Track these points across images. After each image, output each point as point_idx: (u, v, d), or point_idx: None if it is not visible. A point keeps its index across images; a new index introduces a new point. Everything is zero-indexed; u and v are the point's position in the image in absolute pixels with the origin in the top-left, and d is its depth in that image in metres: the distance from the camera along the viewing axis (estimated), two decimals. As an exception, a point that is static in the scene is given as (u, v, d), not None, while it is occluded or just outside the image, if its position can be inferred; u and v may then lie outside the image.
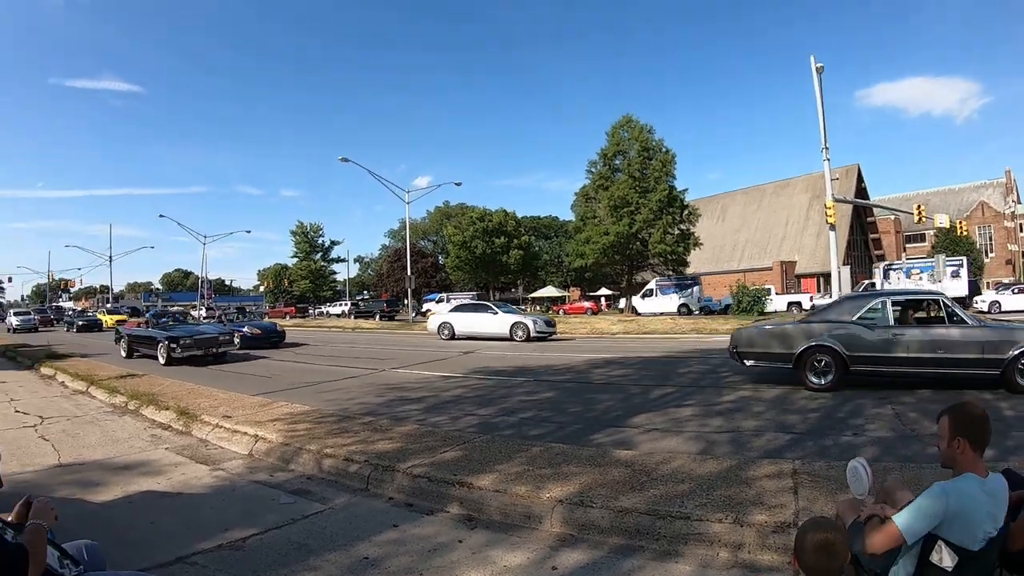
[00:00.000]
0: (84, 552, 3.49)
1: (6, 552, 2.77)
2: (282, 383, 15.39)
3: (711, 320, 37.28)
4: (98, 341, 34.24)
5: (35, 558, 2.81)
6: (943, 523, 3.00)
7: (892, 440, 7.99)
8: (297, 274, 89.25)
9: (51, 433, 10.11)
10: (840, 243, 55.67)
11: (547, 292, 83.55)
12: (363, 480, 7.01)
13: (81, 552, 3.46)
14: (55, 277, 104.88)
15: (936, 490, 3.04)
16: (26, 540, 2.88)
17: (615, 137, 52.47)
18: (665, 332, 30.65)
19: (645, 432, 9.00)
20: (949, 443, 3.24)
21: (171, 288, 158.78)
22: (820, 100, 39.59)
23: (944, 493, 3.01)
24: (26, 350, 26.03)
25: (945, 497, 2.99)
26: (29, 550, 2.81)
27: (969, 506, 3.00)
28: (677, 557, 4.87)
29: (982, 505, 3.03)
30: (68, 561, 3.18)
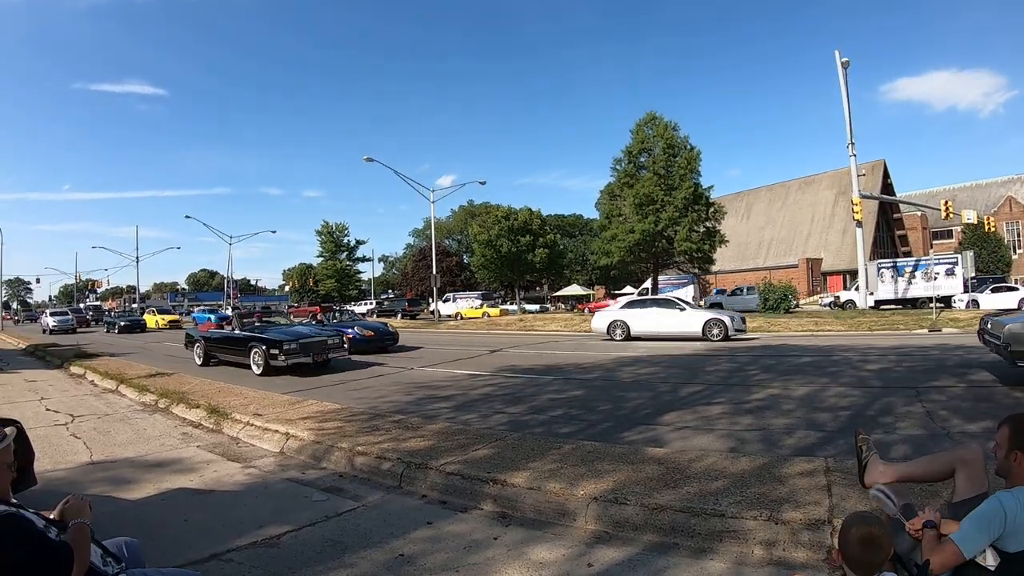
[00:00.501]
0: (124, 549, 3.52)
1: (51, 550, 2.79)
2: (309, 382, 15.48)
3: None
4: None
5: (80, 557, 2.83)
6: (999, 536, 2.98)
7: (923, 438, 7.92)
8: (323, 273, 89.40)
9: (82, 431, 10.20)
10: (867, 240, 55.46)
11: (572, 291, 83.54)
12: (396, 478, 7.03)
13: (121, 549, 3.49)
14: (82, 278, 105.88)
15: (994, 506, 3.01)
16: (71, 538, 2.90)
17: (639, 134, 52.15)
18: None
19: (676, 430, 9.00)
20: (1007, 454, 3.22)
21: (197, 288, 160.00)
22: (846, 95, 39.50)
23: (1002, 509, 2.98)
24: (56, 349, 26.20)
25: (1003, 513, 2.97)
26: (74, 549, 2.83)
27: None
28: (712, 554, 4.84)
29: None
30: (110, 559, 3.20)
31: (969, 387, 11.29)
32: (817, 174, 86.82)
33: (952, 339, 21.56)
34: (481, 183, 55.87)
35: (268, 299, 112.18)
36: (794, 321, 31.64)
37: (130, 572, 3.19)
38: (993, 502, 3.04)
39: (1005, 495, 3.07)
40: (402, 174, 48.29)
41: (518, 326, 37.71)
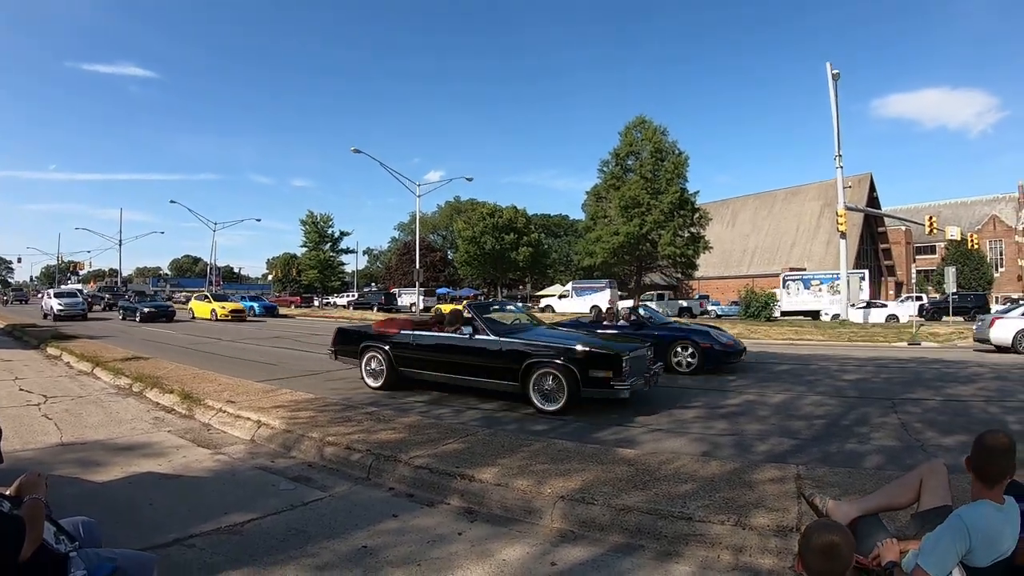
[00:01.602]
0: (80, 528, 3.48)
1: (3, 523, 2.76)
2: (287, 370, 15.40)
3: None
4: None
5: (32, 532, 2.80)
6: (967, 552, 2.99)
7: (897, 450, 7.94)
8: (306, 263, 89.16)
9: (54, 412, 10.12)
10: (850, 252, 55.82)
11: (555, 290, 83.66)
12: (364, 469, 7.00)
13: (77, 528, 3.45)
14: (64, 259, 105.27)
15: (958, 525, 3.03)
16: (24, 513, 2.87)
17: (628, 137, 52.35)
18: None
19: (649, 431, 9.01)
20: (967, 467, 3.24)
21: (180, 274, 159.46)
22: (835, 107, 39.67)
23: (965, 529, 2.99)
24: (34, 329, 25.99)
25: (966, 532, 2.98)
26: (27, 523, 2.79)
27: (990, 535, 3.01)
28: (678, 557, 4.83)
29: (1000, 532, 3.05)
30: (64, 537, 3.17)
31: (945, 401, 11.34)
32: (804, 185, 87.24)
33: (931, 353, 21.70)
34: (468, 179, 56.34)
35: (251, 287, 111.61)
36: (774, 329, 31.77)
37: (83, 551, 3.15)
38: (955, 520, 3.05)
39: (965, 511, 3.08)
40: (388, 167, 48.17)
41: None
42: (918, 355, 20.89)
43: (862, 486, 5.60)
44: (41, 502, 3.01)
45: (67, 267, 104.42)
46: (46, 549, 2.93)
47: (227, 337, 26.25)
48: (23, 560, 2.76)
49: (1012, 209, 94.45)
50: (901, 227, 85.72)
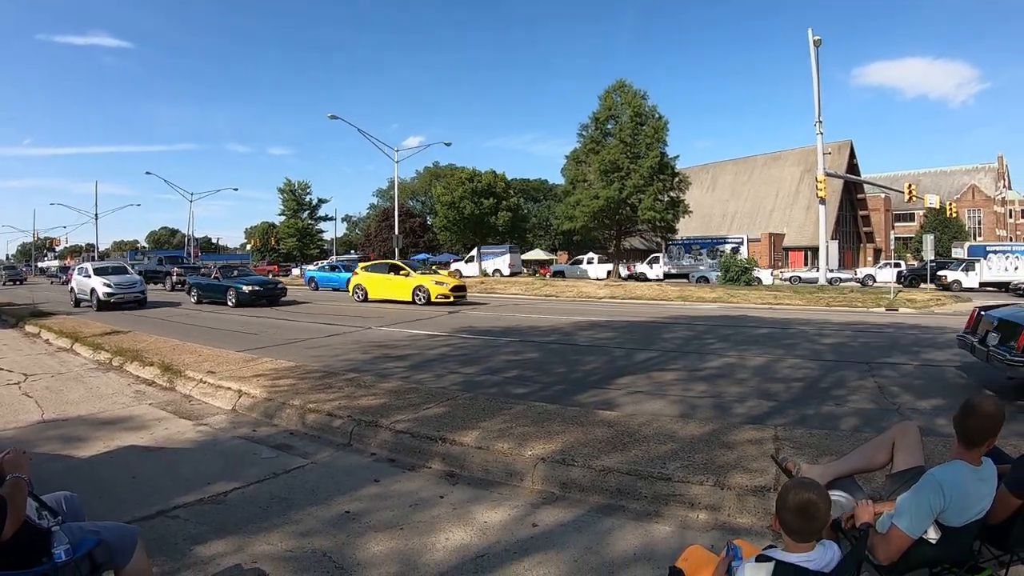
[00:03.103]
0: (63, 503, 3.46)
1: None
2: (267, 340, 15.38)
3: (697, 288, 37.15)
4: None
5: (14, 510, 2.78)
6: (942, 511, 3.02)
7: (873, 412, 8.01)
8: (284, 232, 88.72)
9: (34, 390, 10.07)
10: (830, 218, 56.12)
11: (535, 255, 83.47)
12: (346, 435, 7.04)
13: (60, 503, 3.44)
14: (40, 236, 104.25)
15: (931, 484, 3.04)
16: (5, 492, 2.85)
17: (608, 101, 52.10)
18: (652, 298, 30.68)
19: (629, 394, 9.07)
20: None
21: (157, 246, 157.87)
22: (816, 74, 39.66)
23: (939, 487, 3.00)
24: (11, 308, 25.75)
25: (941, 491, 2.99)
26: (8, 501, 2.78)
27: (964, 494, 3.03)
28: (657, 517, 4.89)
29: (976, 492, 3.07)
30: (46, 512, 3.14)
31: (922, 365, 11.44)
32: (784, 151, 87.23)
33: (908, 319, 21.84)
34: (447, 144, 55.83)
35: (230, 257, 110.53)
36: (754, 293, 31.94)
37: (66, 526, 3.14)
38: (929, 479, 3.07)
39: (939, 470, 3.11)
40: (366, 132, 47.77)
41: (478, 288, 37.57)
42: (896, 321, 21.03)
43: (839, 448, 5.67)
44: (23, 480, 2.98)
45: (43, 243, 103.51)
46: (28, 525, 2.91)
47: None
48: (4, 540, 2.75)
49: (991, 179, 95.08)
50: (880, 194, 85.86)
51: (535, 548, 4.40)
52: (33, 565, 2.87)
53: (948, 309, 25.40)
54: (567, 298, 31.86)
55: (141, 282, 28.74)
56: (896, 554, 3.06)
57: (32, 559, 2.89)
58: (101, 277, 27.25)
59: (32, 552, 2.90)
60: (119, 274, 28.68)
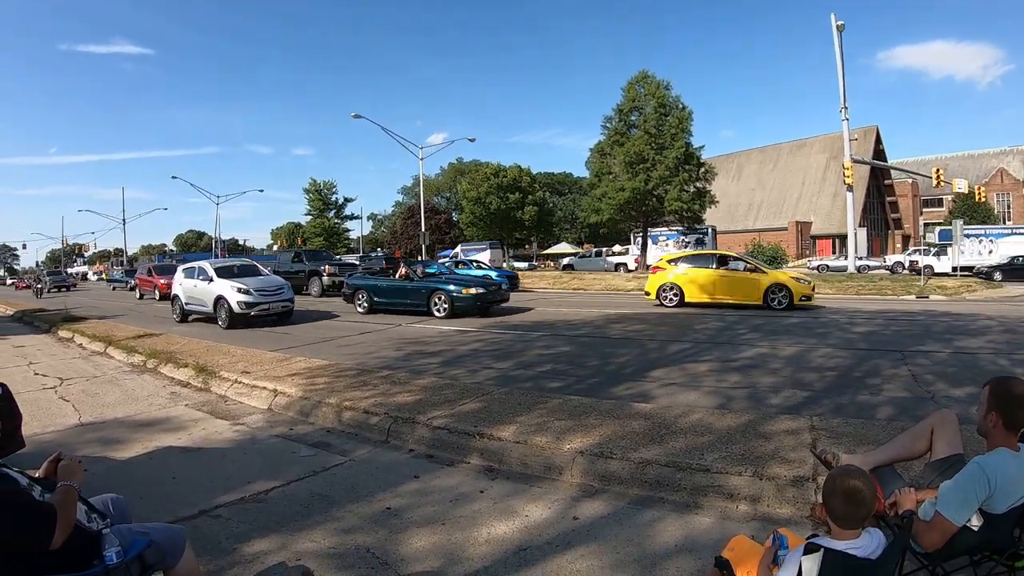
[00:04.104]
0: (110, 506, 3.49)
1: (34, 510, 2.78)
2: (299, 339, 15.47)
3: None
4: None
5: (64, 518, 2.80)
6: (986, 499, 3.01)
7: (908, 401, 7.94)
8: (311, 232, 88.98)
9: (71, 394, 10.17)
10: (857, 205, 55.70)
11: (561, 248, 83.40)
12: (383, 432, 7.08)
13: (107, 506, 3.47)
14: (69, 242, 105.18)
15: (976, 471, 3.02)
16: (56, 500, 2.87)
17: (631, 93, 51.81)
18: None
19: (663, 386, 9.04)
20: (985, 415, 3.24)
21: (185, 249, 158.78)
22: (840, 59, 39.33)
23: (984, 475, 2.99)
24: (44, 314, 25.95)
25: (986, 479, 2.98)
26: (58, 511, 2.81)
27: (1009, 480, 3.01)
28: (697, 509, 4.89)
29: (1019, 478, 3.05)
30: (95, 515, 3.17)
31: (955, 353, 11.31)
32: (809, 137, 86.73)
33: (939, 306, 21.63)
34: (471, 140, 56.27)
35: (257, 258, 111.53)
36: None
37: (115, 528, 3.16)
38: (973, 467, 3.06)
39: (983, 459, 3.09)
40: (390, 131, 48.03)
41: (507, 284, 37.55)
42: (927, 308, 20.84)
43: (875, 437, 5.64)
44: (74, 489, 3.00)
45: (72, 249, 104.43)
46: (79, 528, 2.93)
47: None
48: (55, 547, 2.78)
49: (1020, 162, 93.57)
50: (908, 180, 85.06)
51: (577, 541, 4.41)
52: (85, 568, 2.89)
53: (979, 296, 25.19)
54: (595, 291, 31.77)
55: (288, 286, 20.80)
56: (940, 541, 3.04)
57: (83, 562, 2.91)
58: (230, 280, 19.38)
59: (83, 555, 2.92)
60: (251, 275, 20.59)
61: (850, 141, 42.87)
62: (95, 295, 47.81)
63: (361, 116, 46.20)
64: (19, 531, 2.70)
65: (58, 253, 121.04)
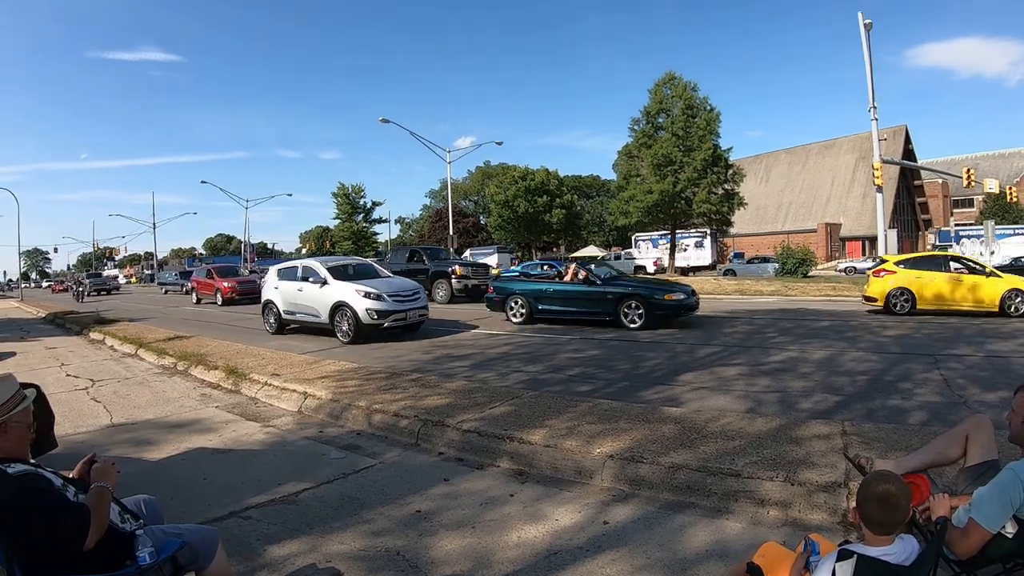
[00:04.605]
0: (143, 507, 3.53)
1: (68, 510, 2.80)
2: (328, 342, 15.55)
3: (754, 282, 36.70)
4: None
5: (98, 520, 2.83)
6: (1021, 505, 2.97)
7: (940, 406, 7.84)
8: (339, 235, 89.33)
9: (102, 395, 10.29)
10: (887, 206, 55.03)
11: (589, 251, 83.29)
12: (413, 435, 7.10)
13: (140, 507, 3.50)
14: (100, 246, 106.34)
15: (1011, 477, 2.99)
16: (90, 501, 2.90)
17: (658, 94, 51.73)
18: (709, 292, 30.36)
19: (693, 390, 9.00)
20: (1022, 422, 3.20)
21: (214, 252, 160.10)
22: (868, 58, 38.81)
23: (1020, 481, 2.95)
24: (75, 316, 26.21)
25: (1022, 485, 2.94)
26: (92, 511, 2.83)
27: None
28: (727, 514, 4.86)
29: None
30: (128, 516, 3.20)
31: (987, 357, 11.18)
32: (838, 138, 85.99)
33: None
34: (498, 143, 55.90)
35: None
36: (812, 286, 31.48)
37: (148, 529, 3.19)
38: (1008, 473, 3.02)
39: (1019, 465, 3.04)
40: (418, 135, 48.08)
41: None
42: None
43: (908, 442, 5.58)
44: (108, 490, 3.02)
45: (103, 253, 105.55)
46: (112, 529, 2.96)
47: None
48: (88, 548, 2.81)
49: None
50: (938, 180, 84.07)
51: (607, 545, 4.40)
52: (118, 568, 2.91)
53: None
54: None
55: (421, 290, 17.43)
56: (975, 548, 3.00)
57: (117, 563, 2.93)
58: (352, 283, 15.88)
59: (116, 556, 2.95)
60: (370, 277, 17.17)
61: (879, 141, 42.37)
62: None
63: (389, 120, 46.36)
64: (54, 531, 2.73)
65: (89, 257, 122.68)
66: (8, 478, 2.78)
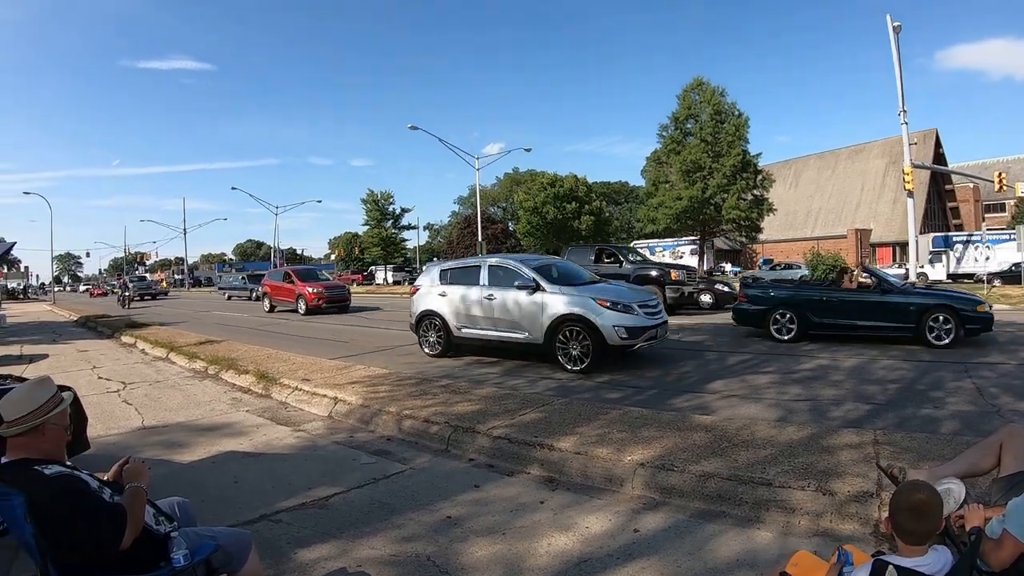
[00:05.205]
0: (176, 509, 3.58)
1: (105, 511, 2.84)
2: (358, 347, 15.63)
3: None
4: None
5: (133, 519, 2.87)
6: None
7: (973, 415, 7.77)
8: (368, 242, 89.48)
9: (134, 397, 10.39)
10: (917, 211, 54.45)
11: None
12: (443, 441, 7.11)
13: (173, 509, 3.54)
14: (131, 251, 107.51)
15: None
16: (125, 501, 2.94)
17: (686, 100, 51.58)
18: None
19: (723, 398, 8.99)
20: None
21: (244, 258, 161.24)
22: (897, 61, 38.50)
23: None
24: (107, 319, 26.46)
25: None
26: (127, 512, 2.87)
27: None
28: (759, 523, 4.84)
29: None
30: (163, 518, 3.24)
31: (1020, 364, 11.06)
32: (867, 142, 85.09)
33: (1003, 315, 21.11)
34: (526, 150, 56.41)
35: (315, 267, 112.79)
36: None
37: (182, 531, 3.23)
38: None
39: None
40: (447, 142, 48.25)
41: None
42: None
43: (940, 452, 5.52)
44: (143, 491, 3.07)
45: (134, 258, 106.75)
46: (147, 531, 3.00)
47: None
48: (124, 548, 2.84)
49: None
50: (969, 184, 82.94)
51: (638, 553, 4.39)
52: (151, 570, 2.95)
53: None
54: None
55: (659, 299, 13.91)
56: (1008, 560, 2.97)
57: (151, 564, 2.97)
58: (579, 289, 12.12)
59: (150, 557, 2.99)
60: (582, 282, 13.10)
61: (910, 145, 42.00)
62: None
63: (418, 128, 46.55)
64: (90, 532, 2.78)
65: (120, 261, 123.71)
66: (47, 479, 2.83)
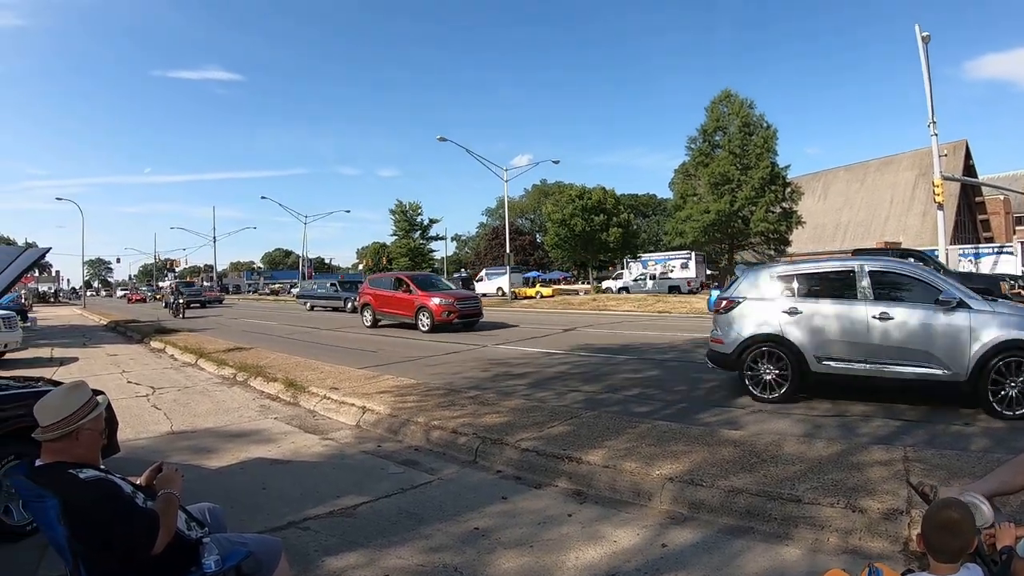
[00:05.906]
0: (207, 515, 3.61)
1: (139, 516, 2.88)
2: (386, 357, 15.65)
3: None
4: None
5: (166, 525, 2.90)
6: None
7: (1003, 432, 7.65)
8: (396, 252, 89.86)
9: (163, 402, 10.52)
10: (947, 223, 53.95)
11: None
12: (471, 452, 7.12)
13: (204, 514, 3.58)
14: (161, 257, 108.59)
15: None
16: (158, 507, 2.98)
17: (714, 112, 51.55)
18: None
19: (752, 413, 8.94)
20: None
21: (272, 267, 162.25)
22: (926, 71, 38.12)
23: None
24: (135, 324, 26.67)
25: None
26: (160, 517, 2.91)
27: None
28: (787, 540, 4.80)
29: None
30: (194, 523, 3.28)
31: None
32: (897, 154, 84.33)
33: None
34: (555, 162, 56.53)
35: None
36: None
37: (213, 537, 3.26)
38: None
39: None
40: (475, 153, 48.29)
41: (591, 306, 37.29)
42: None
43: (971, 469, 5.45)
44: (175, 497, 3.11)
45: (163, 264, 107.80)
46: (179, 536, 3.04)
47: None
48: (156, 552, 2.88)
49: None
50: (1000, 196, 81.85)
51: (665, 568, 4.37)
52: (183, 574, 2.99)
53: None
54: (680, 314, 31.41)
55: None
56: None
57: (182, 569, 3.01)
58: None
59: (182, 562, 3.03)
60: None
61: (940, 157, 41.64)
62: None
63: (446, 139, 46.72)
64: (124, 536, 2.81)
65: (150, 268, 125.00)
66: (83, 483, 2.87)
